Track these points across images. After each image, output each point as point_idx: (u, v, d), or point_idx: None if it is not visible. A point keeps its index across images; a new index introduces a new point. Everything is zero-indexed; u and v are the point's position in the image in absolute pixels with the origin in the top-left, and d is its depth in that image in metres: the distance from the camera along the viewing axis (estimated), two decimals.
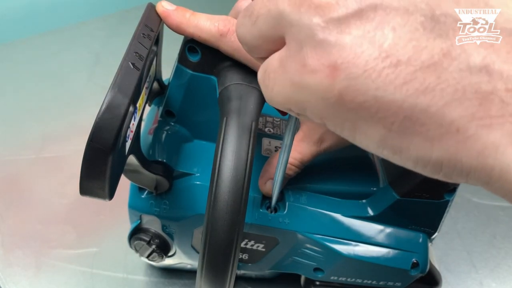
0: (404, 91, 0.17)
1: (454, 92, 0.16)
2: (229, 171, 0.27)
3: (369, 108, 0.18)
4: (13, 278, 0.47)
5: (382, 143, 0.18)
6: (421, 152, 0.18)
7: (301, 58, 0.19)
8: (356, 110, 0.18)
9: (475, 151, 0.16)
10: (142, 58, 0.27)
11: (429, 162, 0.18)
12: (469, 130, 0.16)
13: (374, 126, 0.18)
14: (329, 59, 0.18)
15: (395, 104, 0.17)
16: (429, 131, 0.17)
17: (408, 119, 0.17)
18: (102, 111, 0.24)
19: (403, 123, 0.17)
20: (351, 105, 0.18)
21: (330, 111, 0.19)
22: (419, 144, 0.17)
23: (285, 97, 0.20)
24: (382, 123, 0.18)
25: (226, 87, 0.32)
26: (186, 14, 0.33)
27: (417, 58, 0.17)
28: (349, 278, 0.40)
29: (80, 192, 0.26)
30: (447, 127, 0.17)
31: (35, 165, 0.59)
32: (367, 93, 0.17)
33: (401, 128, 0.17)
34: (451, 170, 0.17)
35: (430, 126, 0.17)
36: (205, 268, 0.27)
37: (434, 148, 0.17)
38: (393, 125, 0.17)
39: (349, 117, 0.18)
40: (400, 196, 0.37)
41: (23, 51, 0.77)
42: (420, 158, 0.18)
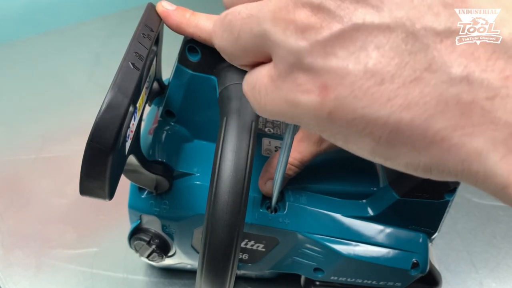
0: (389, 108, 0.18)
1: (437, 105, 0.17)
2: (229, 171, 0.27)
3: (357, 125, 0.19)
4: (13, 278, 0.47)
5: (373, 153, 0.19)
6: (410, 160, 0.19)
7: (293, 79, 0.19)
8: (346, 126, 0.19)
9: (459, 158, 0.17)
10: (142, 58, 0.27)
11: (418, 167, 0.19)
12: (453, 139, 0.17)
13: (363, 139, 0.19)
14: (318, 81, 0.19)
15: (381, 120, 0.18)
16: (415, 142, 0.18)
17: (394, 133, 0.18)
18: (102, 111, 0.24)
19: (390, 136, 0.18)
20: (341, 122, 0.19)
21: (322, 126, 0.20)
22: (406, 153, 0.18)
23: (279, 112, 0.21)
24: (370, 137, 0.19)
25: (226, 87, 0.32)
26: (186, 14, 0.33)
27: (400, 75, 0.17)
28: (349, 278, 0.40)
29: (80, 192, 0.26)
30: (431, 138, 0.17)
31: (35, 165, 0.59)
32: (355, 112, 0.18)
33: (388, 141, 0.18)
34: (440, 173, 0.18)
35: (416, 138, 0.18)
36: (205, 268, 0.27)
37: (421, 156, 0.18)
38: (381, 139, 0.18)
39: (341, 131, 0.19)
40: (400, 196, 0.37)
41: (23, 51, 0.77)
42: (410, 164, 0.19)
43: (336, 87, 0.18)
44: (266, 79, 0.21)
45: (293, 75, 0.19)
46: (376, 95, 0.18)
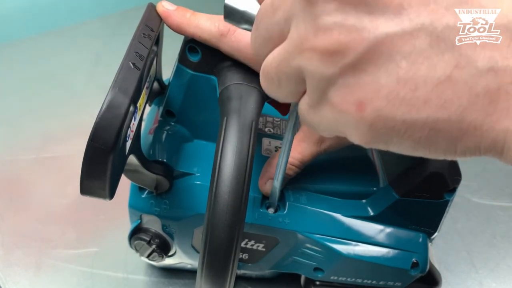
0: (426, 109, 0.18)
1: (469, 98, 0.18)
2: (230, 170, 0.27)
3: (398, 130, 0.19)
4: (13, 278, 0.47)
5: (414, 150, 0.20)
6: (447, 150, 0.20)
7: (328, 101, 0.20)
8: (387, 133, 0.20)
9: (489, 140, 0.19)
10: (142, 58, 0.27)
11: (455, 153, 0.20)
12: (484, 126, 0.18)
13: (404, 141, 0.20)
14: (353, 98, 0.19)
15: (420, 122, 0.19)
16: (452, 135, 0.19)
17: (433, 131, 0.19)
18: (102, 111, 0.24)
19: (429, 135, 0.19)
20: (382, 130, 0.20)
21: (364, 136, 0.20)
22: (444, 145, 0.19)
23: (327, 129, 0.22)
24: (411, 138, 0.19)
25: (227, 87, 0.32)
26: (187, 14, 0.33)
27: (432, 77, 0.18)
28: (349, 278, 0.40)
29: (81, 192, 0.26)
30: (466, 129, 0.18)
31: (35, 165, 0.59)
32: (394, 119, 0.19)
33: (428, 139, 0.19)
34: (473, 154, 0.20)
35: (452, 131, 0.19)
36: (205, 267, 0.28)
37: (457, 145, 0.19)
38: (421, 139, 0.19)
39: (382, 138, 0.20)
40: (400, 196, 0.37)
41: (23, 51, 0.76)
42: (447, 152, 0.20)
43: (371, 101, 0.19)
44: (305, 107, 0.22)
45: (327, 98, 0.20)
46: (413, 101, 0.18)
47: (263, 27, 0.22)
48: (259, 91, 0.32)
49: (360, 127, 0.20)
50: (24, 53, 0.76)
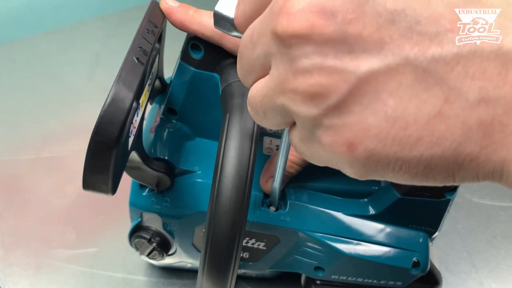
0: (420, 147, 0.18)
1: (462, 133, 0.17)
2: (232, 167, 0.27)
3: (393, 167, 0.19)
4: (13, 278, 0.47)
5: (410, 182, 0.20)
6: (445, 180, 0.19)
7: (317, 140, 0.20)
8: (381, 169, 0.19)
9: (487, 171, 0.18)
10: (146, 53, 0.27)
11: (454, 182, 0.19)
12: (480, 158, 0.18)
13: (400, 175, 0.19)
14: (342, 138, 0.19)
15: (414, 160, 0.18)
16: (448, 169, 0.18)
17: (428, 167, 0.18)
18: (106, 105, 0.24)
19: (425, 171, 0.18)
20: (376, 168, 0.19)
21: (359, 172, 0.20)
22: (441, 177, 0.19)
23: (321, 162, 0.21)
24: (407, 173, 0.19)
25: (229, 84, 0.32)
26: (190, 11, 0.33)
27: (422, 114, 0.17)
28: (350, 277, 0.40)
29: (83, 186, 0.26)
30: (461, 162, 0.18)
31: (35, 165, 0.59)
32: (387, 157, 0.18)
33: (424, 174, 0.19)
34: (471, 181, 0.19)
35: (448, 166, 0.18)
36: (207, 263, 0.27)
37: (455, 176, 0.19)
38: (417, 174, 0.19)
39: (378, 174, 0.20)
40: (401, 195, 0.37)
41: (23, 51, 0.76)
42: (446, 182, 0.19)
43: (362, 141, 0.18)
44: (297, 140, 0.21)
45: (316, 137, 0.20)
46: (404, 139, 0.18)
47: (245, 60, 0.22)
48: None
49: (353, 165, 0.19)
50: (24, 53, 0.76)
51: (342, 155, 0.19)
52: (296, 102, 0.19)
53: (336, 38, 0.17)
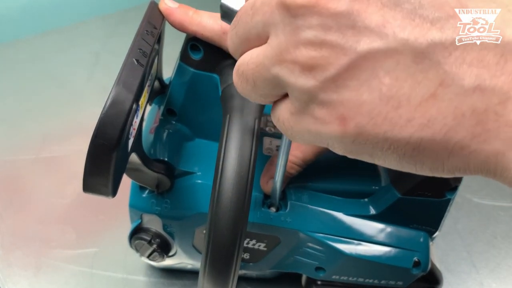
0: (409, 128, 0.18)
1: (454, 118, 0.17)
2: (233, 168, 0.27)
3: (381, 146, 0.19)
4: (13, 278, 0.47)
5: (399, 166, 0.20)
6: (434, 168, 0.19)
7: (311, 113, 0.20)
8: (371, 147, 0.19)
9: (479, 162, 0.18)
10: (146, 54, 0.27)
11: (443, 172, 0.19)
12: (471, 146, 0.18)
13: (389, 156, 0.19)
14: (335, 113, 0.19)
15: (403, 141, 0.18)
16: (437, 154, 0.18)
17: (417, 150, 0.18)
18: (107, 107, 0.24)
19: (413, 153, 0.19)
20: (365, 145, 0.19)
21: (348, 148, 0.20)
22: (430, 164, 0.19)
23: (308, 140, 0.21)
24: (396, 153, 0.19)
25: (229, 85, 0.32)
26: (189, 12, 0.33)
27: (416, 95, 0.18)
28: (351, 277, 0.40)
29: (84, 189, 0.26)
30: (451, 149, 0.18)
31: (35, 165, 0.59)
32: (377, 136, 0.19)
33: (412, 156, 0.19)
34: (462, 173, 0.19)
35: (438, 151, 0.18)
36: (208, 264, 0.27)
37: (444, 164, 0.19)
38: (405, 155, 0.19)
39: (366, 151, 0.20)
40: (401, 195, 0.37)
41: (23, 51, 0.76)
42: (434, 170, 0.19)
43: (354, 116, 0.18)
44: (287, 114, 0.21)
45: (309, 110, 0.20)
46: (396, 119, 0.18)
47: (241, 27, 0.22)
48: None
49: (343, 141, 0.20)
50: (24, 53, 0.76)
51: (333, 130, 0.19)
52: (294, 72, 0.19)
53: (341, 13, 0.18)
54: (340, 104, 0.19)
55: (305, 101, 0.20)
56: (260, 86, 0.21)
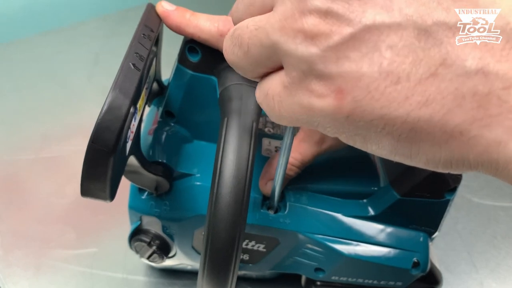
0: (407, 106, 0.18)
1: (454, 99, 0.17)
2: (231, 171, 0.27)
3: (376, 125, 0.18)
4: (13, 278, 0.47)
5: (393, 151, 0.19)
6: (430, 155, 0.19)
7: (307, 85, 0.19)
8: (365, 127, 0.19)
9: (479, 149, 0.17)
10: (142, 58, 0.27)
11: (439, 162, 0.19)
12: (471, 132, 0.17)
13: (383, 138, 0.19)
14: (333, 85, 0.18)
15: (400, 119, 0.18)
16: (434, 138, 0.18)
17: (414, 130, 0.18)
18: (103, 112, 0.24)
19: (410, 134, 0.18)
20: (360, 123, 0.19)
21: (341, 127, 0.20)
22: (427, 149, 0.18)
23: (295, 117, 0.21)
24: (390, 135, 0.19)
25: (227, 87, 0.32)
26: (186, 14, 0.33)
27: (416, 72, 0.17)
28: (350, 278, 0.40)
29: (81, 194, 0.26)
30: (450, 132, 0.18)
31: (35, 165, 0.59)
32: (373, 112, 0.18)
33: (408, 138, 0.18)
34: (460, 165, 0.18)
35: (435, 134, 0.18)
36: (207, 268, 0.27)
37: (441, 151, 0.18)
38: (400, 137, 0.18)
39: (359, 132, 0.19)
40: (401, 196, 0.37)
41: (23, 51, 0.76)
42: (431, 160, 0.19)
43: (351, 90, 0.18)
44: (279, 87, 0.21)
45: (306, 82, 0.19)
46: (393, 95, 0.18)
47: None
48: None
49: (337, 118, 0.19)
50: (24, 53, 0.76)
51: (328, 105, 0.19)
52: (295, 40, 0.19)
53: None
54: (338, 76, 0.18)
55: (302, 72, 0.19)
56: (254, 53, 0.21)
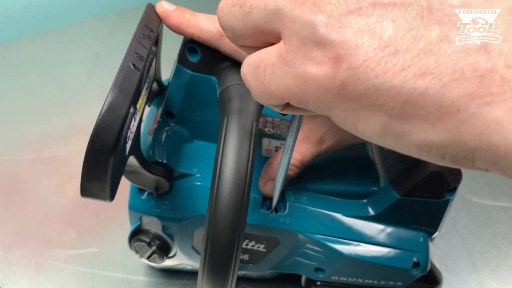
0: (402, 77, 0.17)
1: (453, 73, 0.17)
2: (230, 171, 0.27)
3: (369, 96, 0.18)
4: (13, 278, 0.47)
5: (385, 131, 0.19)
6: (424, 135, 0.18)
7: (306, 52, 0.19)
8: (357, 99, 0.19)
9: (478, 130, 0.17)
10: (142, 58, 0.27)
11: (433, 145, 0.18)
12: (470, 109, 0.16)
13: (375, 113, 0.19)
14: (332, 52, 0.18)
15: (394, 90, 0.18)
16: (429, 113, 0.17)
17: (408, 103, 0.18)
18: (103, 112, 0.24)
19: (403, 108, 0.18)
20: (353, 94, 0.18)
21: (333, 101, 0.19)
22: (420, 127, 0.18)
23: (286, 90, 0.20)
24: (382, 109, 0.18)
25: (227, 88, 0.32)
26: (186, 14, 0.33)
27: (415, 46, 0.17)
28: (350, 278, 0.40)
29: (81, 194, 0.26)
30: (447, 108, 0.17)
31: (35, 165, 0.59)
32: (367, 82, 0.18)
33: (401, 113, 0.18)
34: (456, 152, 0.18)
35: (430, 109, 0.17)
36: (207, 268, 0.27)
37: (436, 130, 0.17)
38: (393, 111, 0.18)
39: (352, 107, 0.19)
40: (400, 196, 0.37)
41: (23, 51, 0.76)
42: (423, 142, 0.18)
43: (348, 57, 0.18)
44: (274, 57, 0.21)
45: (305, 49, 0.19)
46: (389, 65, 0.17)
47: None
48: None
49: (329, 87, 0.19)
50: (24, 53, 0.76)
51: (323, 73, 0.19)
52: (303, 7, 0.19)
53: None
54: (338, 44, 0.18)
55: (303, 37, 0.19)
56: (254, 16, 0.21)
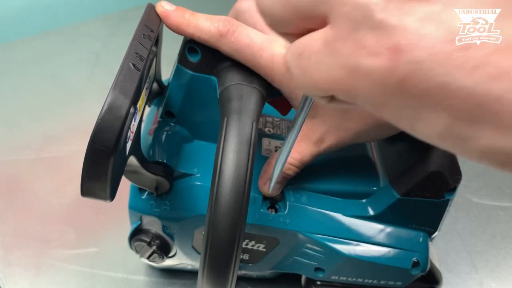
0: (475, 77, 0.15)
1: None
2: (230, 171, 0.27)
3: (435, 95, 0.16)
4: (13, 278, 0.47)
5: (447, 133, 0.17)
6: (491, 142, 0.16)
7: (357, 40, 0.17)
8: (419, 97, 0.16)
9: None
10: (142, 58, 0.27)
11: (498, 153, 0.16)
12: None
13: (439, 114, 0.16)
14: (390, 41, 0.16)
15: (465, 91, 0.15)
16: (502, 120, 0.15)
17: (478, 107, 0.15)
18: (103, 112, 0.24)
19: (473, 111, 0.15)
20: (414, 91, 0.16)
21: (388, 98, 0.17)
22: (489, 133, 0.16)
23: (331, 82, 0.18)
24: (448, 110, 0.16)
25: (227, 88, 0.32)
26: (186, 14, 0.33)
27: (493, 41, 0.15)
28: (350, 278, 0.40)
29: (82, 194, 0.26)
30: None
31: (35, 165, 0.59)
32: (433, 79, 0.16)
33: (470, 117, 0.16)
34: None
35: (504, 115, 0.15)
36: (207, 268, 0.27)
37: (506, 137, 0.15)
38: (461, 113, 0.16)
39: (410, 105, 0.17)
40: (400, 195, 0.37)
41: (23, 51, 0.76)
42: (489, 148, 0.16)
43: (411, 49, 0.16)
44: (319, 43, 0.18)
45: (357, 35, 0.17)
46: (460, 61, 0.15)
47: None
48: (260, 91, 0.32)
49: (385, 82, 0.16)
50: (24, 53, 0.76)
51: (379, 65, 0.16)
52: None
53: None
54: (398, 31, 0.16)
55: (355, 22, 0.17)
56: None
